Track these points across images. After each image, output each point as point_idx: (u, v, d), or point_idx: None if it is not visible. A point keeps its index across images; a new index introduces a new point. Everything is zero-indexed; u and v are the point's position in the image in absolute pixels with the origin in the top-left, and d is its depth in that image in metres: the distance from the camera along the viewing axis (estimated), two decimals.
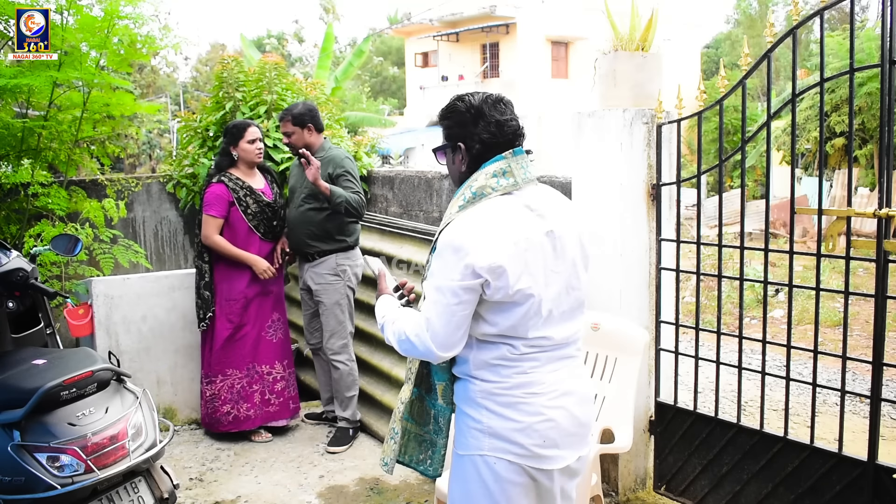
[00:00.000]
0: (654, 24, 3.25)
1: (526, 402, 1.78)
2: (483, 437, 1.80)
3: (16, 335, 2.90)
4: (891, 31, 2.44)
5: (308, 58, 34.55)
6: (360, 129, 15.02)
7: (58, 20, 4.23)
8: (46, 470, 2.24)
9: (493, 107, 1.83)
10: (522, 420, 1.78)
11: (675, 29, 20.76)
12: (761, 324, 2.98)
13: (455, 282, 1.71)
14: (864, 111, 12.50)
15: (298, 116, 3.86)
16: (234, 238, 3.89)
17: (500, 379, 1.79)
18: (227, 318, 3.93)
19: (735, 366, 3.05)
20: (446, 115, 1.89)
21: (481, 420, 1.81)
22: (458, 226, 1.75)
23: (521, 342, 1.78)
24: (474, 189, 1.80)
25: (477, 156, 1.83)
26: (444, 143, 1.91)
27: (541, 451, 1.79)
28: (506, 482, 1.79)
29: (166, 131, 21.73)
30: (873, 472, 2.60)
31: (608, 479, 3.35)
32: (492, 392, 1.80)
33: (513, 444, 1.78)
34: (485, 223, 1.73)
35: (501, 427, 1.78)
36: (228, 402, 3.98)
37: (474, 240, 1.70)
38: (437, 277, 1.75)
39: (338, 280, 3.97)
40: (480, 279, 1.70)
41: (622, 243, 3.22)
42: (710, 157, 14.34)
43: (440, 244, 1.76)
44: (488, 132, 1.81)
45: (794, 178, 2.85)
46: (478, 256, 1.68)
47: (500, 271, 1.69)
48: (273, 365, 4.07)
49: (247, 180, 3.94)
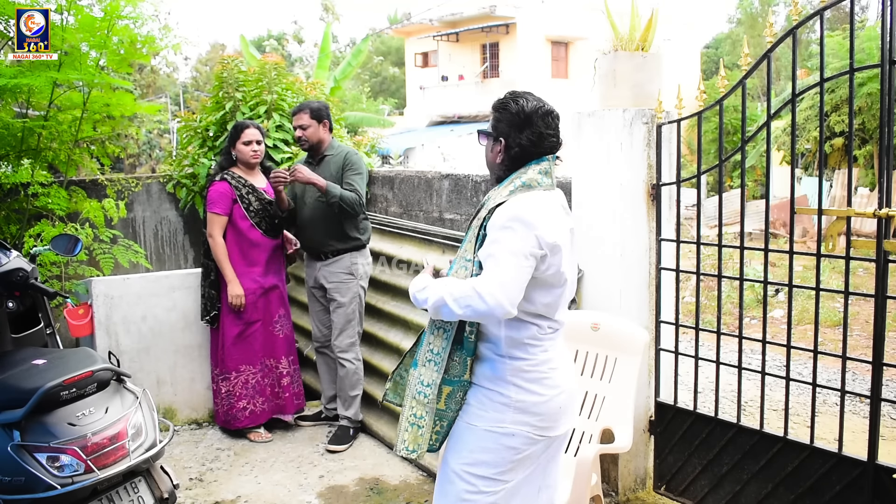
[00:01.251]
0: (654, 24, 3.25)
1: (549, 377, 2.02)
2: (507, 411, 1.99)
3: (16, 335, 2.89)
4: (891, 31, 2.44)
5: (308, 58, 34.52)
6: (359, 129, 15.01)
7: (58, 20, 4.23)
8: (46, 470, 2.24)
9: (543, 118, 2.02)
10: (546, 393, 2.01)
11: (675, 29, 20.74)
12: (761, 324, 2.98)
13: (528, 248, 1.88)
14: (864, 111, 12.49)
15: (317, 111, 3.93)
16: (238, 235, 3.92)
17: (529, 356, 2.00)
18: (235, 315, 3.95)
19: (735, 366, 3.05)
20: (500, 108, 2.07)
21: (510, 395, 1.99)
22: (522, 204, 1.93)
23: (548, 322, 2.01)
24: (524, 180, 2.00)
25: (515, 157, 2.04)
26: (490, 131, 2.10)
27: (555, 420, 2.03)
28: (517, 451, 2.01)
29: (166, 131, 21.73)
30: (873, 472, 2.60)
31: (608, 479, 3.35)
32: (522, 369, 1.99)
33: (534, 416, 2.00)
34: (544, 207, 1.97)
35: (529, 401, 1.99)
36: (245, 398, 4.03)
37: (540, 217, 1.92)
38: (507, 244, 1.89)
39: (351, 279, 4.00)
40: (543, 251, 1.91)
41: (622, 243, 3.22)
42: (710, 157, 14.35)
43: (506, 217, 1.91)
44: (529, 140, 2.01)
45: (794, 178, 2.85)
46: (545, 231, 1.91)
47: (557, 249, 1.94)
48: (280, 360, 4.12)
49: (248, 179, 3.98)
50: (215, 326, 4.04)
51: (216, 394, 4.09)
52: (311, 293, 4.15)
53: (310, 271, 4.10)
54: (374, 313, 4.56)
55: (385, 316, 4.46)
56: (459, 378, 2.03)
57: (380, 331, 4.44)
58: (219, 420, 4.14)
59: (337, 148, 4.00)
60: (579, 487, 2.63)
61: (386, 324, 4.45)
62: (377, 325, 4.50)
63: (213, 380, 4.13)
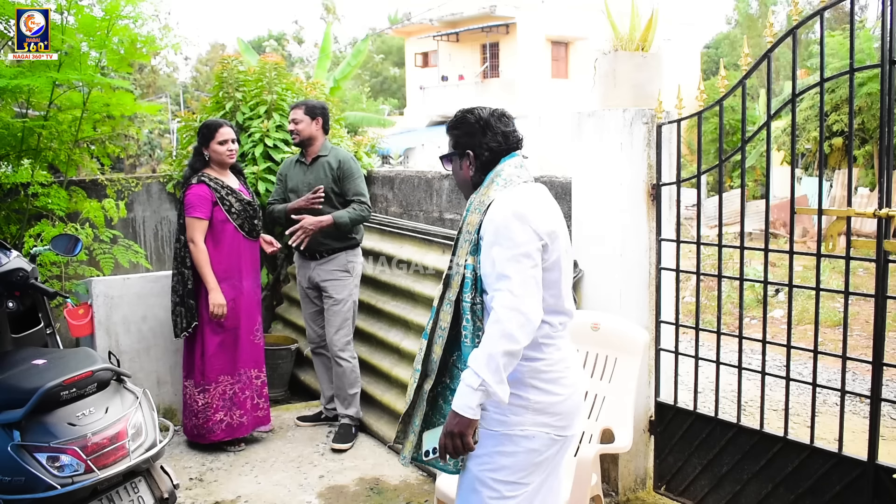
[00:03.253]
0: (654, 24, 3.26)
1: (564, 376, 2.02)
2: (526, 414, 1.98)
3: (16, 335, 2.89)
4: (891, 31, 2.44)
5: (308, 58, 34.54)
6: (359, 129, 15.01)
7: (58, 20, 4.23)
8: (46, 470, 2.23)
9: (499, 120, 2.08)
10: (562, 393, 2.01)
11: (675, 29, 20.74)
12: (761, 324, 2.98)
13: (527, 245, 1.88)
14: (864, 111, 12.49)
15: (311, 107, 3.95)
16: (220, 238, 3.78)
17: (545, 356, 2.00)
18: (217, 323, 3.79)
19: (735, 366, 3.05)
20: (456, 125, 2.11)
21: (529, 398, 1.98)
22: (510, 200, 1.93)
23: (558, 318, 2.01)
24: (503, 176, 2.02)
25: (486, 162, 2.07)
26: (452, 151, 2.13)
27: (570, 420, 2.04)
28: (538, 454, 2.00)
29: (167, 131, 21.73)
30: (873, 473, 2.60)
31: (608, 479, 3.35)
32: (539, 370, 1.99)
33: (553, 416, 2.00)
34: (532, 198, 1.97)
35: (547, 402, 1.99)
36: (221, 410, 3.85)
37: (531, 209, 1.92)
38: (507, 250, 1.88)
39: (347, 276, 4.00)
40: (543, 241, 1.91)
41: (622, 243, 3.22)
42: (710, 157, 14.34)
43: (500, 217, 1.91)
44: (496, 141, 2.06)
45: (794, 178, 2.85)
46: (538, 222, 1.91)
47: (554, 236, 1.94)
48: (261, 369, 4.00)
49: (224, 179, 3.85)
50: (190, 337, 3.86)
51: (190, 406, 3.88)
52: (304, 293, 4.13)
53: (303, 271, 4.09)
54: (373, 313, 4.56)
55: (385, 316, 4.46)
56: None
57: (379, 331, 4.44)
58: (190, 434, 3.91)
59: (330, 150, 4.00)
60: (579, 487, 2.63)
61: (386, 324, 4.45)
62: (377, 324, 4.51)
63: (184, 392, 3.91)
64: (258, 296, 4.02)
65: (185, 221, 3.75)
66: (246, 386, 3.92)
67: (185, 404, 3.94)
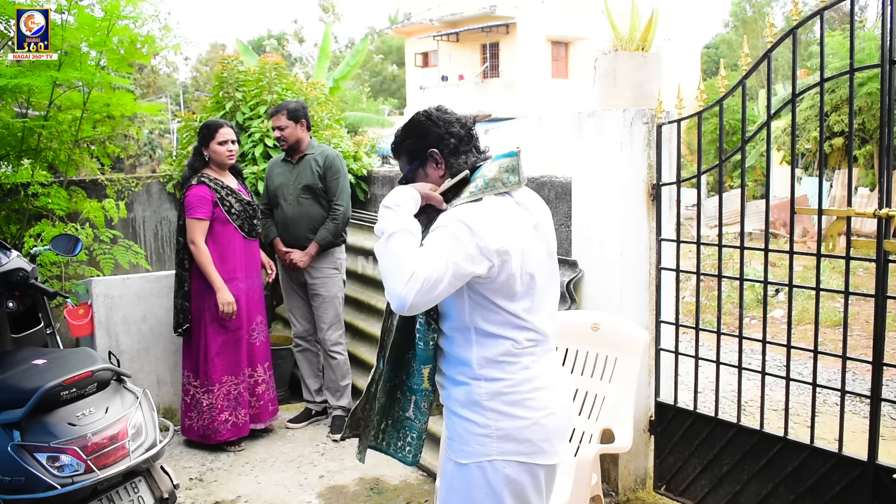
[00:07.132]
0: (654, 24, 3.26)
1: (532, 398, 1.81)
2: (490, 442, 1.79)
3: (16, 335, 2.89)
4: (891, 31, 2.44)
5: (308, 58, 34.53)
6: (359, 129, 15.01)
7: (58, 20, 4.23)
8: (46, 470, 2.24)
9: (441, 111, 1.92)
10: (530, 416, 1.80)
11: (675, 29, 20.74)
12: (761, 324, 2.98)
13: (463, 253, 1.68)
14: (864, 111, 12.49)
15: (294, 111, 3.96)
16: (219, 239, 3.80)
17: (507, 376, 1.80)
18: (219, 323, 3.81)
19: (735, 366, 3.05)
20: (404, 137, 1.92)
21: (489, 424, 1.80)
22: (471, 209, 1.75)
23: (524, 334, 1.81)
24: (487, 179, 1.82)
25: (454, 149, 1.88)
26: (412, 164, 1.91)
27: (546, 445, 1.82)
28: (515, 484, 1.80)
29: (167, 131, 21.72)
30: (873, 472, 2.60)
31: (608, 479, 3.35)
32: (499, 392, 1.80)
33: (522, 443, 1.80)
34: (492, 212, 1.77)
35: (511, 427, 1.79)
36: (226, 410, 3.87)
37: (485, 223, 1.72)
38: (444, 245, 1.69)
39: (336, 273, 4.10)
40: (490, 262, 1.71)
41: (622, 243, 3.22)
42: (710, 157, 14.34)
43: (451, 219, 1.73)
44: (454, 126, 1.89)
45: (794, 178, 2.85)
46: (490, 239, 1.70)
47: (506, 255, 1.73)
48: (256, 368, 4.02)
49: (223, 180, 3.87)
50: (188, 338, 3.90)
51: (191, 407, 3.90)
52: (290, 288, 4.20)
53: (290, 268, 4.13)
54: (366, 310, 4.65)
55: (377, 312, 4.52)
56: (419, 387, 1.89)
57: (371, 326, 4.53)
58: (192, 434, 3.92)
59: (317, 147, 4.07)
60: (579, 487, 2.63)
61: (377, 320, 4.50)
62: (368, 321, 4.58)
63: (186, 392, 3.92)
64: (258, 295, 4.03)
65: (186, 223, 3.76)
66: (247, 385, 3.96)
67: (187, 405, 3.94)
